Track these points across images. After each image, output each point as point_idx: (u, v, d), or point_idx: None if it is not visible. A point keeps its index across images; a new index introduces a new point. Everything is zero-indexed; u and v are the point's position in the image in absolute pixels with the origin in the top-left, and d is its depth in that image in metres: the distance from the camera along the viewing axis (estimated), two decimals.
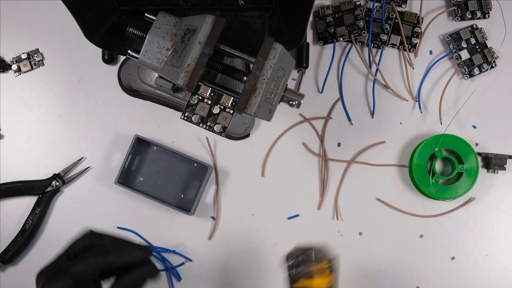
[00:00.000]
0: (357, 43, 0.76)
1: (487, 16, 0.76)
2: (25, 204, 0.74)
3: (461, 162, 0.73)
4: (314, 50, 0.76)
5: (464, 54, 0.75)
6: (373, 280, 0.74)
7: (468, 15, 0.76)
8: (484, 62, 0.76)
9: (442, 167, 0.76)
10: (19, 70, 0.75)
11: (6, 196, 0.74)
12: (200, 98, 0.57)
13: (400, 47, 0.76)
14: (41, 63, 0.76)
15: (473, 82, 0.76)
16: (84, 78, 0.76)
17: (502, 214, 0.75)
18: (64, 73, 0.76)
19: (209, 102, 0.57)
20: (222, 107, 0.57)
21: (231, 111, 0.57)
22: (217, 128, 0.57)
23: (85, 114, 0.75)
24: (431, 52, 0.77)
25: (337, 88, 0.76)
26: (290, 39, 0.61)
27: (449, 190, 0.73)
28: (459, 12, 0.76)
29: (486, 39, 0.76)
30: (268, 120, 0.58)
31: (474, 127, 0.76)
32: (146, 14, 0.59)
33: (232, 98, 0.57)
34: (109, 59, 0.75)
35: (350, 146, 0.76)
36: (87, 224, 0.74)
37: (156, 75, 0.70)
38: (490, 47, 0.76)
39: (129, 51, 0.59)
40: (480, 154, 0.75)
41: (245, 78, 0.58)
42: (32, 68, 0.76)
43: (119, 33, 0.62)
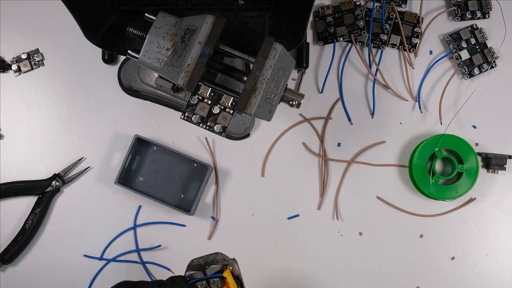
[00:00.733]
0: (357, 43, 0.76)
1: (487, 16, 0.76)
2: (25, 204, 0.74)
3: (461, 162, 0.73)
4: (314, 50, 0.76)
5: (464, 54, 0.75)
6: (373, 280, 0.74)
7: (468, 15, 0.76)
8: (484, 62, 0.76)
9: (442, 167, 0.76)
10: (19, 70, 0.75)
11: (6, 196, 0.74)
12: (200, 98, 0.57)
13: (400, 47, 0.76)
14: (41, 63, 0.76)
15: (473, 82, 0.76)
16: (84, 78, 0.76)
17: (502, 214, 0.75)
18: (64, 73, 0.76)
19: (209, 102, 0.57)
20: (222, 107, 0.57)
21: (231, 111, 0.57)
22: (217, 128, 0.57)
23: (85, 114, 0.75)
24: (431, 52, 0.77)
25: (337, 88, 0.76)
26: (290, 39, 0.61)
27: (449, 190, 0.73)
28: (459, 12, 0.76)
29: (486, 39, 0.76)
30: (268, 120, 0.58)
31: (474, 127, 0.76)
32: (146, 14, 0.59)
33: (232, 98, 0.57)
34: (109, 59, 0.75)
35: (350, 146, 0.75)
36: (87, 224, 0.74)
37: (156, 75, 0.70)
38: (490, 47, 0.76)
39: (129, 51, 0.59)
40: (480, 154, 0.75)
41: (245, 78, 0.58)
42: (32, 68, 0.76)
43: (119, 33, 0.62)
